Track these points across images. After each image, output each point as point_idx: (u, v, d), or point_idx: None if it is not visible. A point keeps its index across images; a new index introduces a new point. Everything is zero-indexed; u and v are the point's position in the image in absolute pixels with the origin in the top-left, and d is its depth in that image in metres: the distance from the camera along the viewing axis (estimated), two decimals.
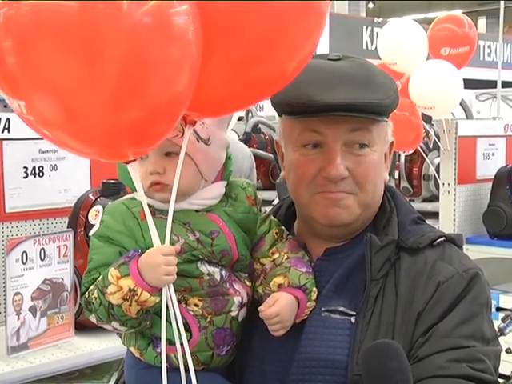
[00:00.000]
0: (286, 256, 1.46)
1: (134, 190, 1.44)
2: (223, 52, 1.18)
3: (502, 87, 5.12)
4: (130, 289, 1.32)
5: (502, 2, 5.06)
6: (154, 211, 1.39)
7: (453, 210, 3.98)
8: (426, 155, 4.92)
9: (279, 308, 1.39)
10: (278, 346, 1.42)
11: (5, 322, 2.15)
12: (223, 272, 1.42)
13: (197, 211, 1.44)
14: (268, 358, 1.44)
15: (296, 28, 1.20)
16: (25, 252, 2.17)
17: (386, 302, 1.38)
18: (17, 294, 2.15)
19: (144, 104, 1.10)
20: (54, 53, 1.04)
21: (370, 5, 21.56)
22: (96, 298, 1.36)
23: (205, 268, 1.40)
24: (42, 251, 2.21)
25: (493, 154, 4.23)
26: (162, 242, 1.34)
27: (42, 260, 2.21)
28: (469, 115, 5.37)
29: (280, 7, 1.17)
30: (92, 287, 1.38)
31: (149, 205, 1.38)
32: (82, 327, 2.36)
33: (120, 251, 1.39)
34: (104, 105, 1.08)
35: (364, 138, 1.43)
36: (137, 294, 1.31)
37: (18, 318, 2.15)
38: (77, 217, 2.42)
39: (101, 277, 1.37)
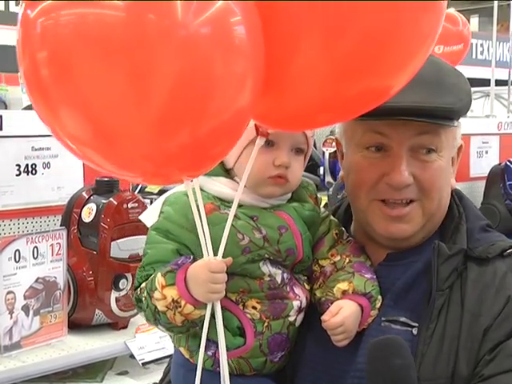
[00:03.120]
0: (347, 260, 1.40)
1: (210, 174, 1.34)
2: (316, 62, 1.02)
3: (495, 85, 5.11)
4: (173, 299, 1.26)
5: (496, 1, 5.07)
6: (218, 206, 1.31)
7: None
8: None
9: (344, 317, 1.32)
10: (333, 354, 1.36)
11: None
12: (285, 274, 1.37)
13: (265, 208, 1.38)
14: (322, 365, 1.38)
15: (411, 29, 1.02)
16: (17, 250, 2.15)
17: (451, 315, 1.31)
18: (9, 292, 2.13)
19: (199, 127, 0.98)
20: (95, 68, 0.93)
21: None
22: (145, 299, 1.31)
23: (267, 268, 1.35)
24: (35, 249, 2.20)
25: (486, 152, 4.24)
26: (230, 240, 1.26)
27: (34, 258, 2.20)
28: None
29: (393, 4, 0.98)
30: (143, 285, 1.33)
31: (214, 198, 1.33)
32: (75, 326, 2.35)
33: (178, 249, 1.33)
34: (150, 129, 0.96)
35: (432, 142, 1.36)
36: (180, 306, 1.25)
37: (11, 317, 2.14)
38: (70, 215, 2.41)
39: (150, 278, 1.31)
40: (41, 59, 0.96)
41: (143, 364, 2.30)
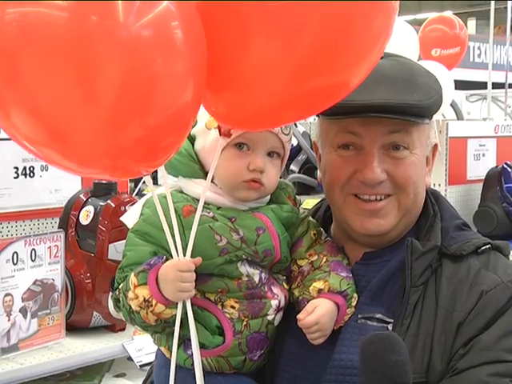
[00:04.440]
0: (324, 259, 1.42)
1: (190, 176, 1.38)
2: (270, 61, 1.04)
3: (492, 88, 5.13)
4: (145, 299, 1.28)
5: (493, 3, 5.08)
6: (195, 208, 1.31)
7: None
8: None
9: (319, 316, 1.34)
10: (311, 352, 1.38)
11: None
12: (263, 274, 1.38)
13: (243, 210, 1.39)
14: (300, 362, 1.40)
15: (364, 29, 1.05)
16: (15, 253, 2.15)
17: (426, 310, 1.32)
18: (7, 294, 2.14)
19: (147, 122, 1.01)
20: (41, 67, 0.93)
21: None
22: (122, 299, 1.34)
23: (244, 269, 1.36)
24: (33, 252, 2.20)
25: (483, 155, 4.25)
26: (207, 241, 1.30)
27: (32, 261, 2.20)
28: (459, 116, 5.38)
29: (344, 6, 1.01)
30: (121, 286, 1.35)
31: (193, 200, 1.34)
32: (73, 328, 2.35)
33: (156, 251, 1.35)
34: (100, 126, 0.98)
35: (403, 140, 1.37)
36: (152, 305, 1.27)
37: (9, 319, 2.14)
38: (68, 217, 2.41)
39: (126, 278, 1.33)
40: None
41: (141, 366, 2.30)
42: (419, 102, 1.34)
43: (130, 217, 1.46)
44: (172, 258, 1.26)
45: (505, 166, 4.06)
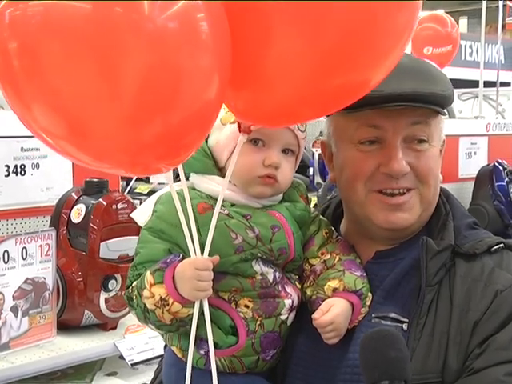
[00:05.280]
0: (337, 258, 1.41)
1: (203, 172, 1.38)
2: (292, 59, 1.03)
3: (484, 87, 5.14)
4: (161, 298, 1.27)
5: (484, 2, 5.09)
6: (211, 205, 1.30)
7: None
8: None
9: (334, 316, 1.33)
10: (324, 351, 1.37)
11: None
12: (277, 273, 1.38)
13: (257, 208, 1.39)
14: (313, 362, 1.39)
15: (387, 27, 1.04)
16: (6, 251, 2.14)
17: (441, 310, 1.32)
18: None
19: (170, 118, 0.99)
20: (64, 61, 0.92)
21: None
22: (136, 297, 1.32)
23: (259, 267, 1.36)
24: (24, 250, 2.19)
25: (475, 153, 4.26)
26: (223, 239, 1.29)
27: (23, 259, 2.19)
28: (451, 114, 5.39)
29: (368, 3, 1.00)
30: (135, 284, 1.34)
31: (207, 197, 1.33)
32: (64, 327, 2.34)
33: (170, 248, 1.33)
34: (121, 121, 0.96)
35: (424, 132, 1.39)
36: (168, 304, 1.26)
37: None
38: (59, 215, 2.40)
39: (141, 277, 1.32)
40: (10, 51, 0.95)
41: (132, 365, 2.29)
42: (442, 91, 1.37)
43: (141, 213, 1.45)
44: (188, 256, 1.25)
45: (496, 164, 4.06)
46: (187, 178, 1.41)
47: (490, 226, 3.92)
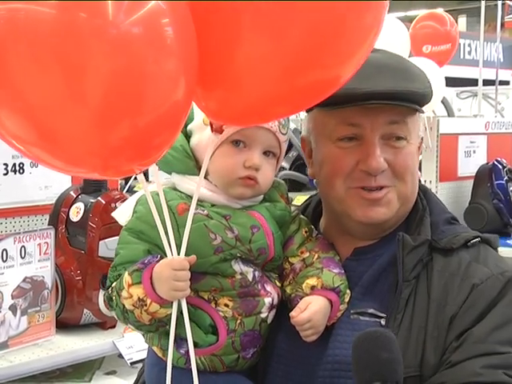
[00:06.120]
0: (316, 256, 1.42)
1: (184, 172, 1.38)
2: (260, 58, 1.04)
3: (483, 85, 5.14)
4: (139, 298, 1.27)
5: (483, 1, 5.09)
6: (190, 206, 1.28)
7: None
8: None
9: (312, 313, 1.34)
10: (303, 349, 1.38)
11: None
12: (256, 272, 1.38)
13: (237, 208, 1.39)
14: (293, 360, 1.40)
15: (354, 25, 1.06)
16: (5, 250, 2.14)
17: (418, 304, 1.33)
18: None
19: (137, 121, 0.99)
20: (28, 66, 0.91)
21: None
22: (115, 298, 1.33)
23: (238, 267, 1.36)
24: (23, 249, 2.19)
25: (474, 152, 4.26)
26: (202, 239, 1.29)
27: (22, 258, 2.19)
28: (450, 113, 5.39)
29: (334, 2, 1.01)
30: (114, 284, 1.34)
31: (187, 197, 1.33)
32: (63, 326, 2.34)
33: (150, 249, 1.34)
34: (89, 125, 0.97)
35: (401, 130, 1.40)
36: (146, 305, 1.26)
37: None
38: (58, 214, 2.40)
39: (120, 277, 1.32)
40: None
41: (131, 363, 2.29)
42: (420, 89, 1.38)
43: (122, 213, 1.45)
44: (166, 256, 1.25)
45: (495, 162, 4.07)
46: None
47: (489, 225, 3.92)
